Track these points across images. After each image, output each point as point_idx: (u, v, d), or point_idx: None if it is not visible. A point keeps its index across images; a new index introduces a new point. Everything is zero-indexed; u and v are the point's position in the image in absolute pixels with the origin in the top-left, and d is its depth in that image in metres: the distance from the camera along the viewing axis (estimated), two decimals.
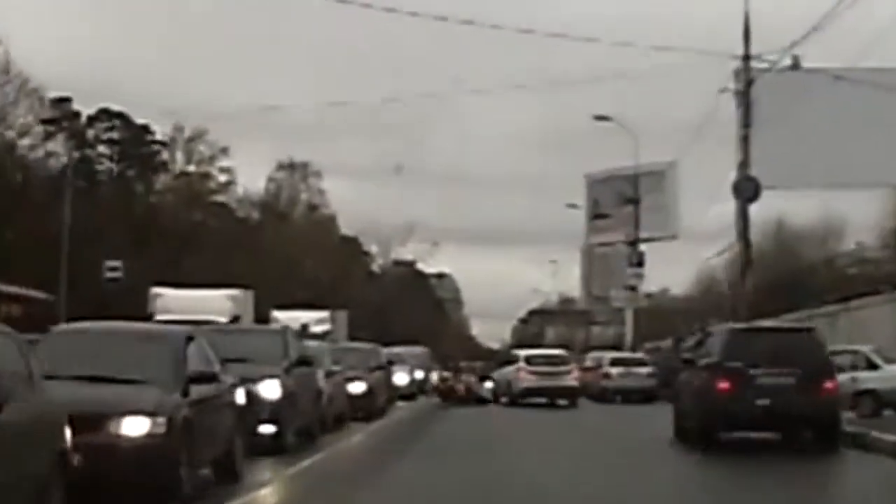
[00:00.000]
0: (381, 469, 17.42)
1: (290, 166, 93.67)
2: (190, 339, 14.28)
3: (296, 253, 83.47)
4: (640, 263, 54.43)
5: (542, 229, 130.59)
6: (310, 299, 78.51)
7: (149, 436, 11.91)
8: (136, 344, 13.79)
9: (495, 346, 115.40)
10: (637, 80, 62.51)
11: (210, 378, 13.93)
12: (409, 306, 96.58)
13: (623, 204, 63.33)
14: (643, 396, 39.84)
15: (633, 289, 55.16)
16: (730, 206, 33.72)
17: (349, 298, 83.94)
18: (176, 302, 33.52)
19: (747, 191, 32.52)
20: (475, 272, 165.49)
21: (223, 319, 32.29)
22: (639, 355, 43.84)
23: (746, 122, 33.02)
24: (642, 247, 57.16)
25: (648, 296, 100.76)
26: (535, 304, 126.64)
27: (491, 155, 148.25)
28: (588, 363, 45.61)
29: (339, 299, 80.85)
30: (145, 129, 79.70)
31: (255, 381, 18.39)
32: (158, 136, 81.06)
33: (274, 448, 18.58)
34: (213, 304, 33.13)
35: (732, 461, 19.21)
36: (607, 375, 40.79)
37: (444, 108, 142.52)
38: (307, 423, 20.93)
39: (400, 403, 37.38)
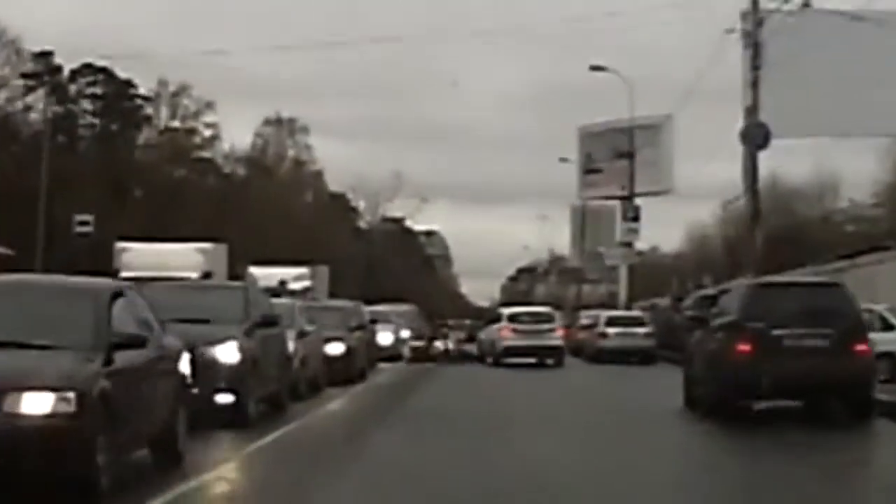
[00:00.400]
0: (356, 444, 14.89)
1: (277, 121, 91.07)
2: (118, 294, 11.65)
3: (282, 209, 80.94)
4: (636, 218, 51.62)
5: (532, 187, 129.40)
6: (296, 256, 77.55)
7: (52, 415, 9.50)
8: (50, 301, 11.28)
9: (485, 304, 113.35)
10: (635, 30, 59.50)
11: (141, 342, 11.28)
12: (397, 264, 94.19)
13: (617, 158, 60.67)
14: (641, 357, 37.26)
15: (628, 245, 52.32)
16: (720, 165, 31.12)
17: (335, 255, 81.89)
18: (141, 257, 30.81)
19: (756, 138, 29.85)
20: (465, 230, 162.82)
21: (193, 275, 29.72)
22: (637, 314, 41.10)
23: (755, 64, 30.31)
24: (637, 201, 54.27)
25: (639, 254, 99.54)
26: (525, 262, 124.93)
27: (482, 112, 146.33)
28: (583, 322, 43.02)
29: (326, 256, 79.20)
30: (128, 83, 76.92)
31: (210, 344, 15.86)
32: (142, 91, 78.37)
33: (233, 421, 16.02)
34: (182, 258, 30.33)
35: (753, 434, 16.66)
36: (603, 335, 38.08)
37: (435, 64, 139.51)
38: (274, 390, 18.33)
39: (383, 365, 34.82)
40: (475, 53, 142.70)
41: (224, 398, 15.94)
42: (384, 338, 36.95)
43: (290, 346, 20.66)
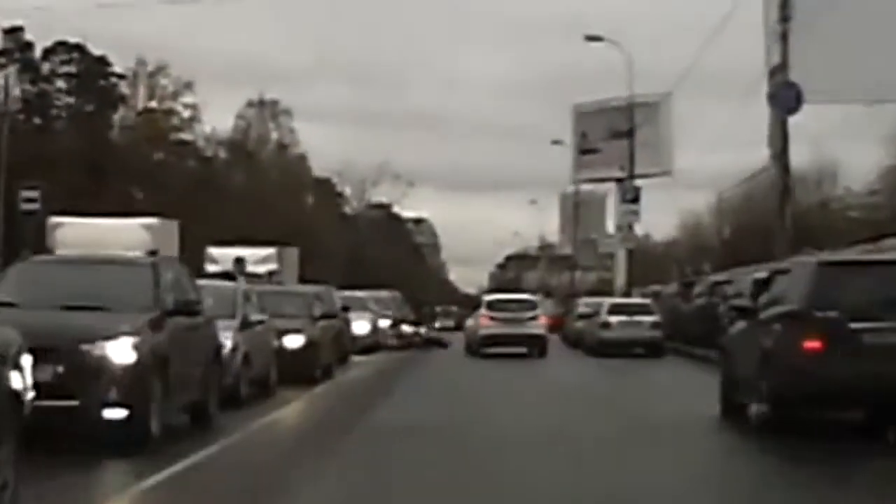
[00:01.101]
0: (287, 484, 10.28)
1: (260, 103, 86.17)
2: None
3: (264, 193, 76.55)
4: (636, 199, 46.66)
5: (523, 175, 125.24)
6: (276, 240, 73.14)
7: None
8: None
9: (472, 291, 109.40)
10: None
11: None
12: (383, 250, 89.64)
13: (614, 137, 56.07)
14: (649, 350, 32.59)
15: (628, 227, 47.32)
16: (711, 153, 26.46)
17: (321, 241, 77.49)
18: (77, 233, 25.86)
19: (787, 100, 25.17)
20: (454, 217, 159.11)
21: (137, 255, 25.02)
22: (644, 301, 36.20)
23: (785, 14, 25.62)
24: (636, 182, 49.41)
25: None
26: (514, 249, 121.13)
27: (471, 98, 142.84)
28: (582, 310, 38.36)
29: (309, 241, 74.97)
30: (103, 60, 72.14)
31: (95, 340, 11.31)
32: (118, 70, 73.82)
33: (127, 442, 11.44)
34: (124, 235, 25.23)
35: (824, 458, 12.08)
36: (606, 325, 33.32)
37: (424, 51, 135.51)
38: (197, 398, 13.73)
39: (359, 358, 30.24)
40: (464, 37, 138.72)
41: (113, 413, 11.35)
42: (360, 327, 32.34)
43: (228, 339, 16.10)
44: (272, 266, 34.98)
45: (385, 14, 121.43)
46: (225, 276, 23.70)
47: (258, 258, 34.71)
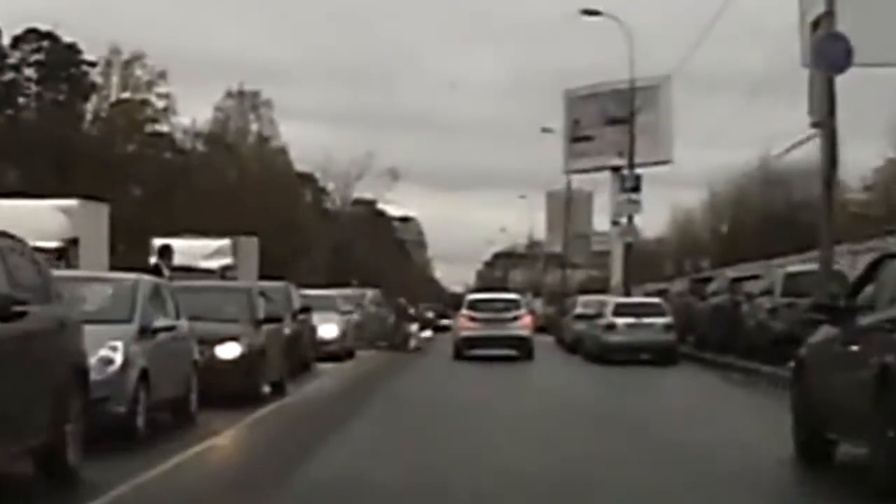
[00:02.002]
0: None
1: (240, 94, 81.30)
2: None
3: (243, 186, 71.90)
4: (636, 188, 41.66)
5: (511, 172, 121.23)
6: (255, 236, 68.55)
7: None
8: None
9: (459, 290, 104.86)
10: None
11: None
12: (367, 247, 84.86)
13: (608, 124, 51.32)
14: (660, 356, 27.77)
15: (628, 220, 42.14)
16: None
17: (302, 237, 72.99)
18: None
19: (834, 56, 20.28)
20: (442, 215, 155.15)
21: (52, 244, 20.24)
22: (654, 301, 30.99)
23: None
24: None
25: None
26: (502, 246, 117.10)
27: (459, 96, 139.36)
28: (581, 310, 33.47)
29: (293, 239, 70.42)
30: (73, 48, 67.28)
31: None
32: (90, 59, 69.09)
33: None
34: (36, 219, 20.66)
35: None
36: (611, 327, 28.45)
37: (411, 48, 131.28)
38: (33, 443, 8.92)
39: (326, 366, 25.41)
40: (453, 34, 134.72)
41: None
42: (327, 330, 27.46)
43: (116, 352, 11.34)
44: (226, 260, 30.15)
45: (371, 11, 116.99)
46: (154, 271, 18.77)
47: (209, 251, 29.87)
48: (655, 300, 30.34)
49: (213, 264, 29.13)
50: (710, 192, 73.06)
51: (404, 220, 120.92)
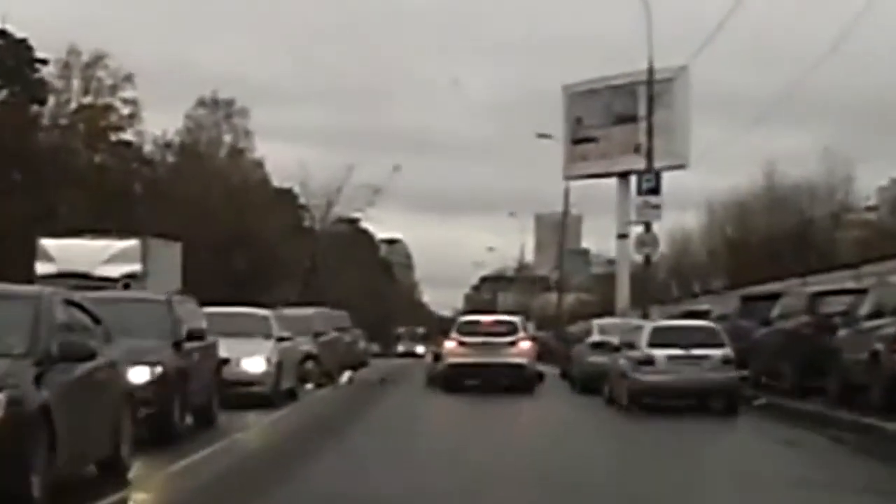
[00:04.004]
0: None
1: (214, 102, 72.69)
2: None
3: (214, 200, 63.70)
4: (656, 189, 32.78)
5: (500, 197, 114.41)
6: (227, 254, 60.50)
7: None
8: None
9: (447, 314, 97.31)
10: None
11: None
12: (347, 267, 76.52)
13: (615, 123, 42.96)
14: (721, 402, 19.05)
15: (646, 227, 32.87)
16: None
17: (276, 255, 64.89)
18: None
19: None
20: (430, 239, 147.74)
21: None
22: (706, 325, 21.31)
23: None
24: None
25: (610, 262, 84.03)
26: (489, 270, 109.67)
27: (451, 119, 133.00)
28: (598, 337, 24.56)
29: (265, 255, 62.76)
30: (24, 43, 58.72)
31: None
32: (47, 60, 60.61)
33: None
34: None
35: None
36: (648, 361, 19.37)
37: (400, 73, 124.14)
38: None
39: (249, 417, 16.93)
40: (444, 56, 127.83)
41: None
42: (253, 364, 18.79)
43: None
44: (132, 267, 21.53)
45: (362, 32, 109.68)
46: None
47: (109, 255, 21.30)
48: (707, 324, 20.98)
49: (113, 271, 20.62)
50: (709, 212, 67.57)
51: (391, 241, 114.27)
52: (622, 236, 42.63)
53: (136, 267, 20.91)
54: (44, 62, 59.46)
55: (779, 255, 55.48)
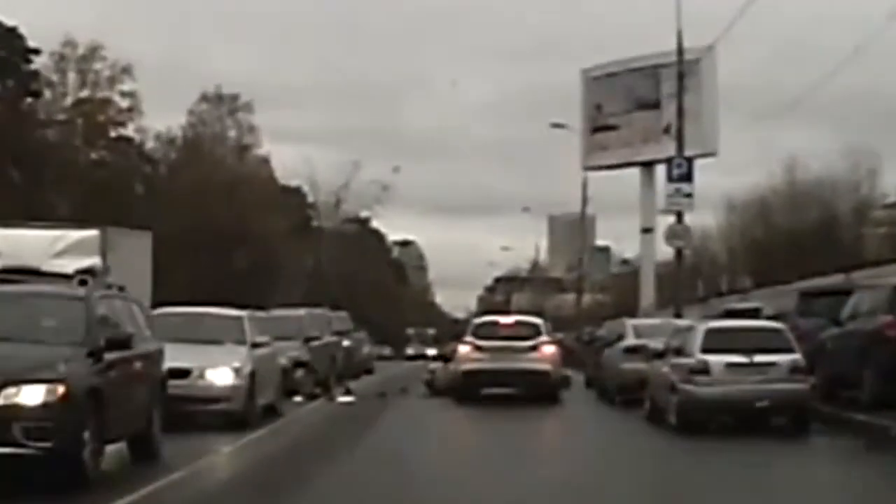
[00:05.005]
0: None
1: (218, 97, 69.32)
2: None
3: (216, 197, 60.60)
4: (688, 176, 29.15)
5: (515, 198, 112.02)
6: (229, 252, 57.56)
7: None
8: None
9: (461, 315, 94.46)
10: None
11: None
12: (356, 267, 73.44)
13: (638, 109, 39.42)
14: (791, 417, 15.42)
15: (678, 217, 29.22)
16: None
17: (282, 255, 61.76)
18: None
19: None
20: (443, 240, 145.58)
21: None
22: (772, 326, 17.34)
23: None
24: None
25: (625, 262, 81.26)
26: (503, 271, 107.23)
27: (464, 121, 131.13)
28: (633, 340, 20.91)
29: (269, 254, 59.72)
30: (15, 32, 55.48)
31: None
32: (39, 49, 57.51)
33: None
34: None
35: None
36: (702, 370, 15.63)
37: (412, 76, 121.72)
38: None
39: (210, 444, 13.45)
40: (457, 58, 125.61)
41: None
42: (219, 376, 15.25)
43: None
44: (90, 260, 17.95)
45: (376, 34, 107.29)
46: None
47: (64, 246, 17.76)
48: (773, 324, 17.11)
49: (67, 265, 17.07)
50: (728, 209, 64.85)
51: (404, 243, 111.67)
52: (647, 230, 39.04)
53: (94, 260, 17.25)
54: (36, 52, 56.32)
55: (803, 251, 53.01)
